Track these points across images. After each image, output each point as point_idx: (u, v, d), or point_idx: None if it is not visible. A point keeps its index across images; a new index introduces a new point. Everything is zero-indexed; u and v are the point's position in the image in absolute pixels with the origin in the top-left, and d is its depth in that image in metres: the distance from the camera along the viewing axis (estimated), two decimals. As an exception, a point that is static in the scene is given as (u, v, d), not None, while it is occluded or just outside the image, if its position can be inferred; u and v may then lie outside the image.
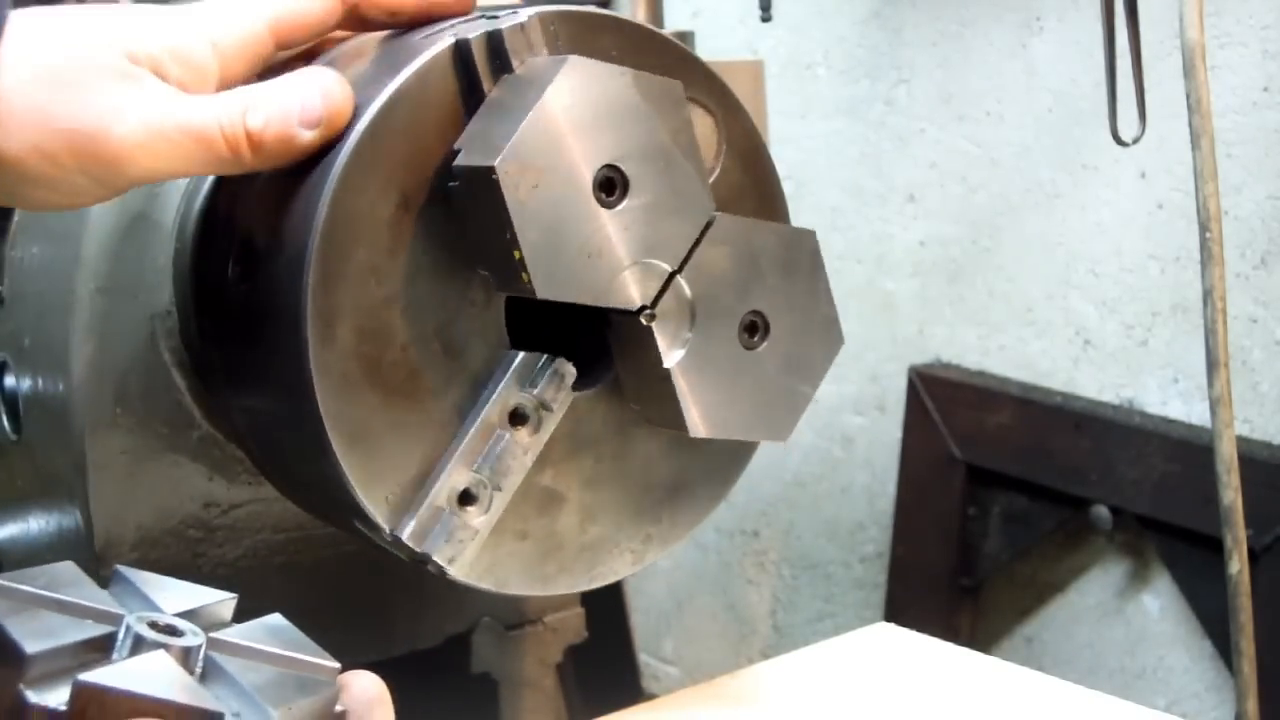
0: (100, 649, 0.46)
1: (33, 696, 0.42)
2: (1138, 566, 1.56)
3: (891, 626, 0.96)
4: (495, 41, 0.65)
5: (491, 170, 0.61)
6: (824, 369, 0.74)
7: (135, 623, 0.47)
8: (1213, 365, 1.10)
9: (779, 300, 0.71)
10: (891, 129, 1.73)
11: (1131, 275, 1.51)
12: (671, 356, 0.68)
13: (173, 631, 0.47)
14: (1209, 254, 1.09)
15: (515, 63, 0.65)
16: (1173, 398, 1.49)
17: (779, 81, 1.81)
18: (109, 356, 0.79)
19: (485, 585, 0.70)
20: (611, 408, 0.72)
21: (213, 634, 0.49)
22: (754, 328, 0.70)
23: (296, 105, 0.63)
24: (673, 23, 1.66)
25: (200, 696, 0.44)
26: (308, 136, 0.63)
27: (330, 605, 0.90)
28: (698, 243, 0.68)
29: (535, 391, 0.67)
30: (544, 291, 0.63)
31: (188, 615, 0.49)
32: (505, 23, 0.65)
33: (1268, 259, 1.39)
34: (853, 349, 1.81)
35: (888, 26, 1.71)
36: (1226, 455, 1.10)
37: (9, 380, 0.87)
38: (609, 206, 0.65)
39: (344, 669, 0.52)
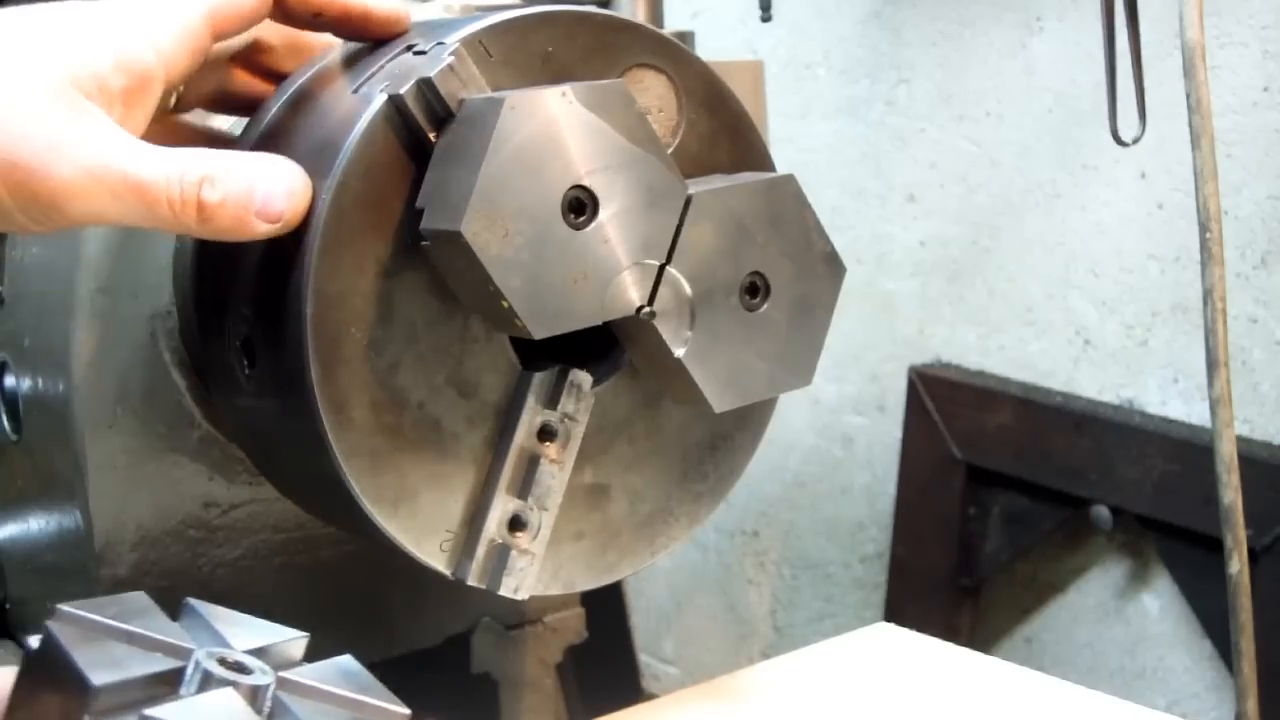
0: (168, 683, 0.45)
1: None
2: (1138, 566, 1.56)
3: (891, 626, 0.96)
4: (428, 89, 0.64)
5: (459, 234, 0.61)
6: (832, 303, 0.73)
7: (204, 658, 0.46)
8: (1213, 365, 1.10)
9: (773, 254, 0.70)
10: (891, 129, 1.73)
11: (1131, 275, 1.51)
12: (679, 345, 0.68)
13: (241, 669, 0.46)
14: (1209, 254, 1.08)
15: (453, 105, 0.64)
16: (1173, 398, 1.49)
17: (779, 81, 1.81)
18: (109, 356, 0.79)
19: (555, 591, 0.71)
20: (633, 390, 0.72)
21: (282, 673, 0.48)
22: (755, 289, 0.70)
23: (260, 195, 0.61)
24: (673, 23, 1.66)
25: None
26: (261, 228, 0.61)
27: (330, 605, 0.90)
28: (679, 229, 0.67)
29: (557, 408, 0.68)
30: (540, 331, 0.63)
31: (257, 653, 0.48)
32: (434, 64, 0.64)
33: (1268, 259, 1.39)
34: (853, 349, 1.80)
35: (888, 26, 1.71)
36: (1226, 455, 1.10)
37: (9, 380, 0.87)
38: (583, 227, 0.64)
39: (414, 716, 0.51)
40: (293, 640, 0.51)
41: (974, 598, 1.69)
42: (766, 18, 1.60)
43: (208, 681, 0.45)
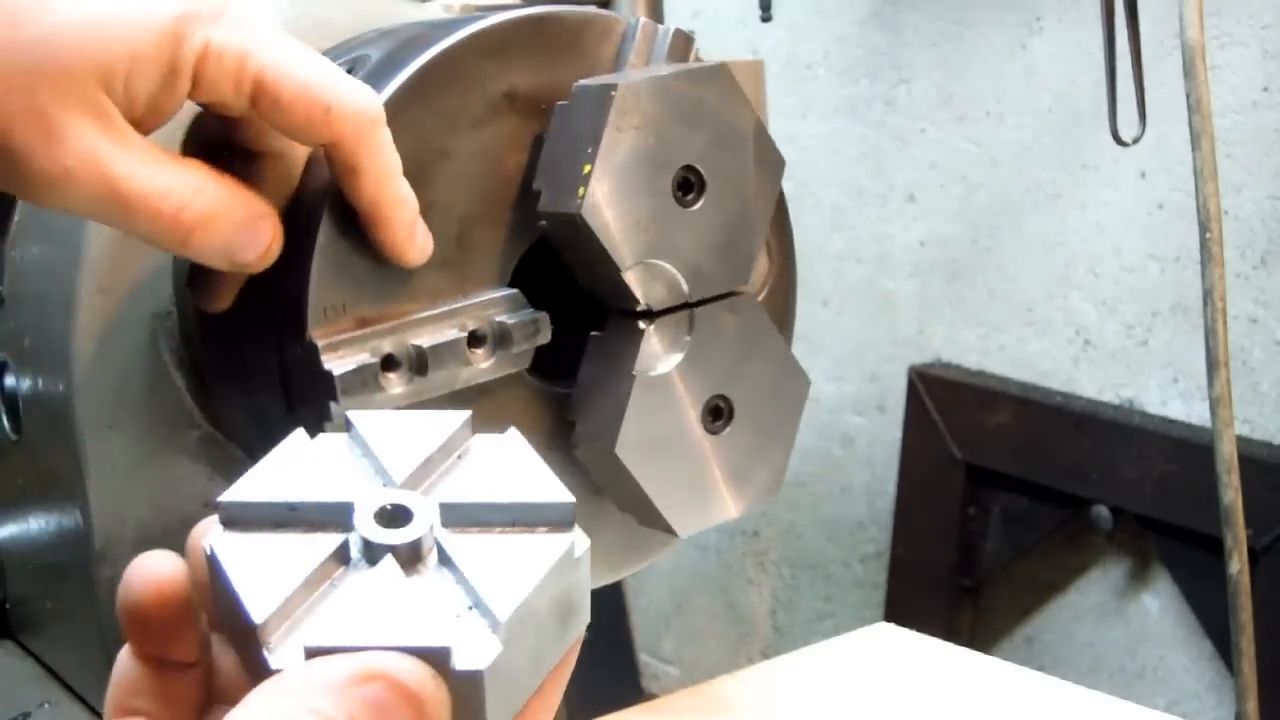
0: (335, 564, 0.45)
1: (274, 662, 0.42)
2: (1138, 566, 1.56)
3: (891, 626, 0.96)
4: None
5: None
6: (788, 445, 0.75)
7: (362, 524, 0.45)
8: (1213, 365, 1.10)
9: (745, 382, 0.72)
10: (891, 129, 1.73)
11: (1131, 275, 1.51)
12: (654, 359, 0.68)
13: (401, 517, 0.46)
14: (1209, 254, 1.08)
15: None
16: (1173, 398, 1.49)
17: (779, 81, 1.81)
18: (109, 356, 0.79)
19: None
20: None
21: (443, 499, 0.46)
22: (718, 412, 0.71)
23: (234, 241, 0.60)
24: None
25: (424, 633, 0.42)
26: (237, 265, 0.61)
27: (330, 605, 0.90)
28: (722, 298, 0.70)
29: (508, 320, 0.67)
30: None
31: (420, 471, 0.47)
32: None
33: (1268, 259, 1.39)
34: (853, 349, 1.81)
35: (888, 26, 1.71)
36: (1226, 455, 1.10)
37: (9, 380, 0.87)
38: (690, 205, 0.68)
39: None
40: (455, 433, 0.49)
41: (974, 598, 1.69)
42: (766, 18, 1.60)
43: (370, 551, 0.45)
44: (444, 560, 0.45)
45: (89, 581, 0.80)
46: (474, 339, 0.67)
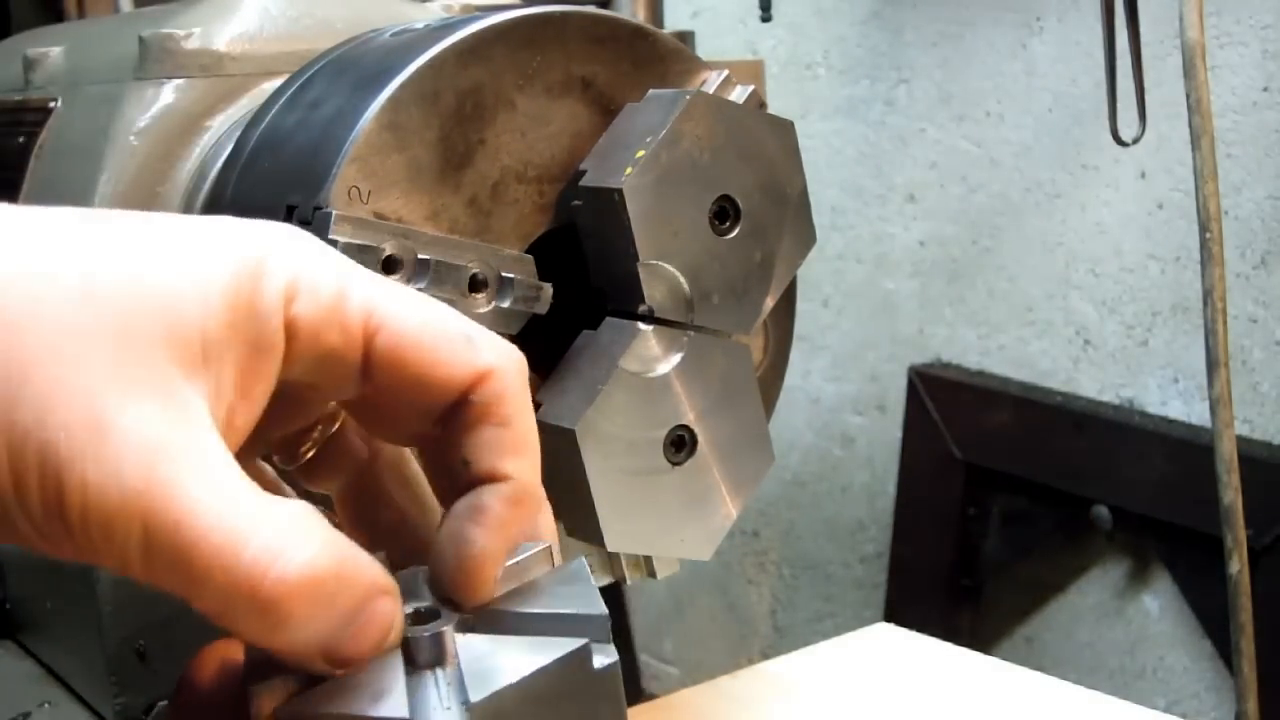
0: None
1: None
2: (1138, 566, 1.56)
3: (891, 626, 0.96)
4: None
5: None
6: (755, 484, 0.74)
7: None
8: (1213, 365, 1.10)
9: (714, 427, 0.71)
10: (891, 129, 1.73)
11: (1131, 275, 1.51)
12: (642, 359, 0.68)
13: (428, 618, 0.44)
14: (1209, 254, 1.09)
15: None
16: (1173, 398, 1.49)
17: (779, 81, 1.81)
18: (109, 356, 0.79)
19: None
20: None
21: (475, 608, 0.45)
22: (680, 443, 0.70)
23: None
24: (673, 23, 1.65)
25: (391, 706, 0.40)
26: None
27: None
28: (721, 334, 0.70)
29: (511, 275, 0.67)
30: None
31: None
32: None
33: (1268, 259, 1.39)
34: (853, 349, 1.81)
35: (888, 26, 1.71)
36: (1226, 455, 1.10)
37: (9, 380, 0.86)
38: (727, 233, 0.69)
39: None
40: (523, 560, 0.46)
41: (974, 598, 1.70)
42: (766, 18, 1.60)
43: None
44: (454, 657, 0.43)
45: (89, 581, 0.80)
46: (476, 282, 0.66)
